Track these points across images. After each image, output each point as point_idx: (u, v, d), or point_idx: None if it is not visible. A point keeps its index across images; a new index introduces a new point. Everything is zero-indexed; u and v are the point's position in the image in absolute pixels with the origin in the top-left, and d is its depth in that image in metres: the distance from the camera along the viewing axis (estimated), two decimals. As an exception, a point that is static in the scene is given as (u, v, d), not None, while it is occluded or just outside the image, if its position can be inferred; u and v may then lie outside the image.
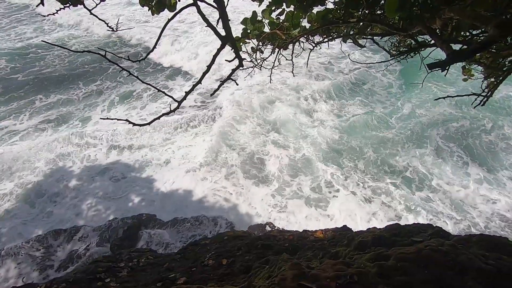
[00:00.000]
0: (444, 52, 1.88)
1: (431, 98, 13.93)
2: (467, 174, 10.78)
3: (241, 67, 2.15)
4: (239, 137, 12.66)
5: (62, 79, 17.20)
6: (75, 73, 17.74)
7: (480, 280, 1.86)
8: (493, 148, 11.76)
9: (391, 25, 2.58)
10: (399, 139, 12.18)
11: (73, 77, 17.34)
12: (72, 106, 15.13)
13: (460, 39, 2.70)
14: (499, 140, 12.07)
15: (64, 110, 14.79)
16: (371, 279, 1.91)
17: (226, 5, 1.80)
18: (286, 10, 2.65)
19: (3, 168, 11.12)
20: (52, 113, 14.56)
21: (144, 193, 10.47)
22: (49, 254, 8.23)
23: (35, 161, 11.54)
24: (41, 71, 17.88)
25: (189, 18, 23.72)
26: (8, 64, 18.44)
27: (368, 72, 16.24)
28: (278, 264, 2.49)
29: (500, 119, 12.95)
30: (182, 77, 17.64)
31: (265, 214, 9.61)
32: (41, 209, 9.88)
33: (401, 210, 9.52)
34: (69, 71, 17.95)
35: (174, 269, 4.71)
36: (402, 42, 3.45)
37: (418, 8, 2.16)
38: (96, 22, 22.55)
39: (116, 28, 2.31)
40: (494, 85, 3.51)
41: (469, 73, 3.58)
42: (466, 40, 2.65)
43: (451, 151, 11.68)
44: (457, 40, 2.61)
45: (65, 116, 14.38)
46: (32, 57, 19.45)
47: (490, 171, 10.81)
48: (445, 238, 2.95)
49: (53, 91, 16.16)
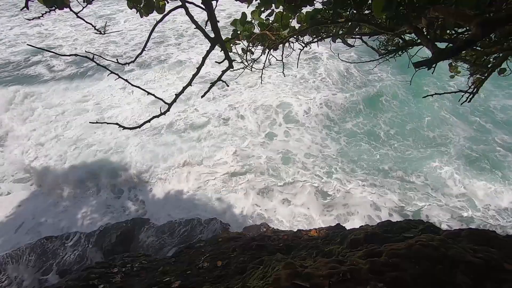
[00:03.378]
0: (430, 51, 1.92)
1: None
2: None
3: (231, 68, 2.15)
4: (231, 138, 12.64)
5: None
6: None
7: (469, 273, 1.90)
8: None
9: (379, 25, 2.62)
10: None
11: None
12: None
13: (445, 37, 2.76)
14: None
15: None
16: (364, 275, 1.93)
17: (214, 7, 1.80)
18: (275, 11, 2.67)
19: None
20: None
21: (137, 196, 10.35)
22: (40, 262, 8.06)
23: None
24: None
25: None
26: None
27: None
28: (272, 264, 2.50)
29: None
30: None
31: (260, 214, 9.61)
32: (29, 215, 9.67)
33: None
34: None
35: (168, 273, 4.67)
36: (390, 41, 3.50)
37: (404, 7, 2.20)
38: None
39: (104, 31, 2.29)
40: (480, 82, 3.60)
41: (455, 71, 3.66)
42: (451, 39, 2.71)
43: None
44: (442, 39, 2.67)
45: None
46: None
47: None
48: (435, 233, 3.00)
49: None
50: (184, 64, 18.14)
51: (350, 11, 2.58)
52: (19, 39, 22.57)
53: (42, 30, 24.24)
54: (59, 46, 21.62)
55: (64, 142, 12.57)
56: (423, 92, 13.68)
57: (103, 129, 13.06)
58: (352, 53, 17.61)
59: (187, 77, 16.31)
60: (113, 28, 23.22)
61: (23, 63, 19.13)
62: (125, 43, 21.30)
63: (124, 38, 21.98)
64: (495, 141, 12.01)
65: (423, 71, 2.04)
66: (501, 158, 11.22)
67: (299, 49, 3.26)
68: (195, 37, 21.31)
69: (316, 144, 12.25)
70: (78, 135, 12.93)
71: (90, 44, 21.37)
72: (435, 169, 10.97)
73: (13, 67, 18.67)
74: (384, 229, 3.31)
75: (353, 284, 1.86)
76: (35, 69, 18.50)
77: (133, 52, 19.72)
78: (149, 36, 2.04)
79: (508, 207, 9.58)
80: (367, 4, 2.43)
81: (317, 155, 11.72)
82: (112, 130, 12.95)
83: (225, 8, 25.16)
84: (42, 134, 13.01)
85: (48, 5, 1.76)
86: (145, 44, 2.12)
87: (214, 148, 12.11)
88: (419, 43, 3.04)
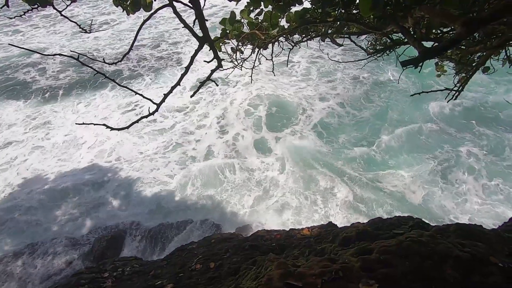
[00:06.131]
0: (417, 50, 1.95)
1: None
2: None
3: (220, 67, 2.13)
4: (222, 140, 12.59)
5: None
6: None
7: (457, 267, 1.94)
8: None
9: (367, 24, 2.65)
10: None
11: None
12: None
13: (431, 36, 2.82)
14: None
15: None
16: (355, 273, 1.95)
17: (203, 6, 1.78)
18: (264, 10, 2.66)
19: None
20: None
21: (127, 199, 10.18)
22: (27, 270, 7.82)
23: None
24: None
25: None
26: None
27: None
28: (265, 265, 2.49)
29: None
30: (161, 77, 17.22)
31: (252, 214, 9.59)
32: (16, 222, 9.37)
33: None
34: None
35: (161, 276, 4.61)
36: (378, 41, 3.55)
37: (391, 7, 2.23)
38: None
39: (89, 30, 2.23)
40: (465, 80, 3.69)
41: (441, 69, 3.74)
42: (437, 38, 2.76)
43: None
44: (428, 38, 2.72)
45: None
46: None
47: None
48: (424, 228, 3.06)
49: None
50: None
51: (339, 11, 2.60)
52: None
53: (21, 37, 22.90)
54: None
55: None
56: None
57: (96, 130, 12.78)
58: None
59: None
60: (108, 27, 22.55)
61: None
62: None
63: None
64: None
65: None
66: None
67: (289, 48, 3.27)
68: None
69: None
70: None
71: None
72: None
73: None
74: (375, 226, 3.36)
75: (345, 282, 1.87)
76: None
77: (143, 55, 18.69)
78: (136, 36, 2.01)
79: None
80: (355, 4, 2.46)
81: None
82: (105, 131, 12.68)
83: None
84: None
85: (31, 3, 1.71)
86: (132, 44, 2.08)
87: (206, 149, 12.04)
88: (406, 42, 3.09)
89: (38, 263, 7.96)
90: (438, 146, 11.92)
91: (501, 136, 12.20)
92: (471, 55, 3.20)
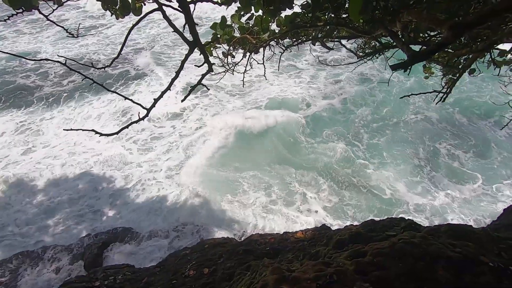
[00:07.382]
0: (405, 53, 1.98)
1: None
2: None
3: (210, 72, 2.12)
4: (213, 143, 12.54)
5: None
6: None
7: (449, 268, 1.96)
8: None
9: (356, 28, 2.68)
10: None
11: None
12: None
13: (419, 40, 2.88)
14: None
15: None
16: (350, 276, 1.95)
17: (193, 11, 1.77)
18: (255, 14, 2.67)
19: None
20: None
21: (119, 206, 9.99)
22: (16, 280, 7.57)
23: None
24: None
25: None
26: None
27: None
28: (259, 270, 2.47)
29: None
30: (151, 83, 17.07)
31: (247, 217, 9.54)
32: (2, 230, 9.08)
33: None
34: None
35: (153, 283, 4.52)
36: (367, 44, 3.60)
37: (380, 11, 2.26)
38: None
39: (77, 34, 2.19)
40: (452, 82, 3.77)
41: (429, 71, 3.82)
42: (424, 41, 2.81)
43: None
44: (416, 41, 2.77)
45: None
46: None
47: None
48: (416, 230, 3.09)
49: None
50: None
51: (328, 15, 2.63)
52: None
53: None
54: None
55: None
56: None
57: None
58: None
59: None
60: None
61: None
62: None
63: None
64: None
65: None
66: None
67: (280, 52, 3.28)
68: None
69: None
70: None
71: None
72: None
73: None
74: (368, 228, 3.37)
75: (340, 286, 1.87)
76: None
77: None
78: (125, 40, 1.98)
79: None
80: (344, 8, 2.49)
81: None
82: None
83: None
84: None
85: (16, 7, 1.66)
86: (121, 48, 2.05)
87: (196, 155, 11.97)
88: (395, 46, 3.15)
89: (26, 273, 7.72)
90: (422, 143, 12.25)
91: (486, 136, 12.61)
92: (457, 58, 3.28)
